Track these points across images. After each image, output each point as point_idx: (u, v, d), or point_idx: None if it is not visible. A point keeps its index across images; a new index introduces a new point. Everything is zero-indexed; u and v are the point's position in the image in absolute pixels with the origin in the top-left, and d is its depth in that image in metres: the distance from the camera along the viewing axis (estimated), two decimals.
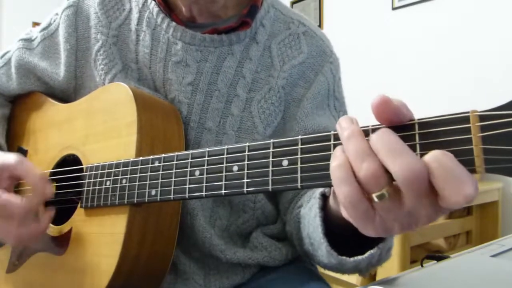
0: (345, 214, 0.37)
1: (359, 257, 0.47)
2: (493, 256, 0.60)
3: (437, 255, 0.60)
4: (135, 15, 0.71)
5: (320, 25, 3.12)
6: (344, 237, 0.50)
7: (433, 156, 0.31)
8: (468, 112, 0.31)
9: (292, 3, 3.32)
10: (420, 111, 0.34)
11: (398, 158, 0.31)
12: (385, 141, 0.33)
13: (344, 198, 0.34)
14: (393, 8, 2.68)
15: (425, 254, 0.62)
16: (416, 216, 0.34)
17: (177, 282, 0.67)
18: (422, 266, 0.57)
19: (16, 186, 0.66)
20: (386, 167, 0.32)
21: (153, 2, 0.70)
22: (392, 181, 0.33)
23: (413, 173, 0.31)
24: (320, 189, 0.51)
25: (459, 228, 1.99)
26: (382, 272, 1.46)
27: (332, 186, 0.35)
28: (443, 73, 2.39)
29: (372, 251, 0.46)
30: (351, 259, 0.48)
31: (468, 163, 0.31)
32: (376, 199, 0.33)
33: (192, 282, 0.66)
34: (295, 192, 0.69)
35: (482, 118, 0.31)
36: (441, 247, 1.91)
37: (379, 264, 0.50)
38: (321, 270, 0.70)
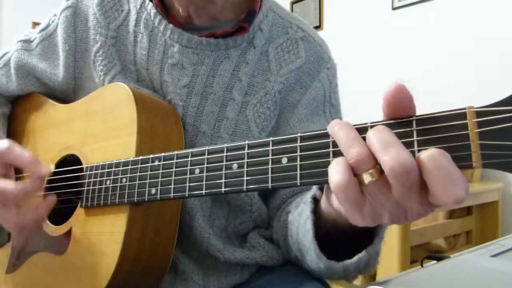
0: (336, 202, 0.38)
1: (348, 261, 0.48)
2: (493, 256, 0.60)
3: (437, 255, 0.60)
4: (133, 16, 0.71)
5: (320, 25, 3.13)
6: (333, 245, 0.51)
7: (430, 154, 0.31)
8: (465, 109, 0.32)
9: (292, 3, 3.32)
10: (420, 111, 0.34)
11: (389, 149, 0.32)
12: (379, 135, 0.33)
13: (335, 185, 0.34)
14: (393, 8, 2.69)
15: (425, 254, 0.62)
16: (405, 208, 0.34)
17: (176, 282, 0.67)
18: (422, 266, 0.57)
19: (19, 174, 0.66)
20: (377, 158, 0.33)
21: (151, 3, 0.70)
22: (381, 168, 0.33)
23: (401, 166, 0.31)
24: (311, 193, 0.51)
25: (459, 228, 1.99)
26: (382, 272, 1.46)
27: None
28: (443, 73, 2.40)
29: (360, 254, 0.47)
30: (340, 263, 0.49)
31: (465, 159, 0.31)
32: (365, 181, 0.34)
33: (191, 281, 0.66)
34: (282, 199, 0.69)
35: (478, 114, 0.31)
36: (441, 247, 1.91)
37: (367, 269, 0.50)
38: None
